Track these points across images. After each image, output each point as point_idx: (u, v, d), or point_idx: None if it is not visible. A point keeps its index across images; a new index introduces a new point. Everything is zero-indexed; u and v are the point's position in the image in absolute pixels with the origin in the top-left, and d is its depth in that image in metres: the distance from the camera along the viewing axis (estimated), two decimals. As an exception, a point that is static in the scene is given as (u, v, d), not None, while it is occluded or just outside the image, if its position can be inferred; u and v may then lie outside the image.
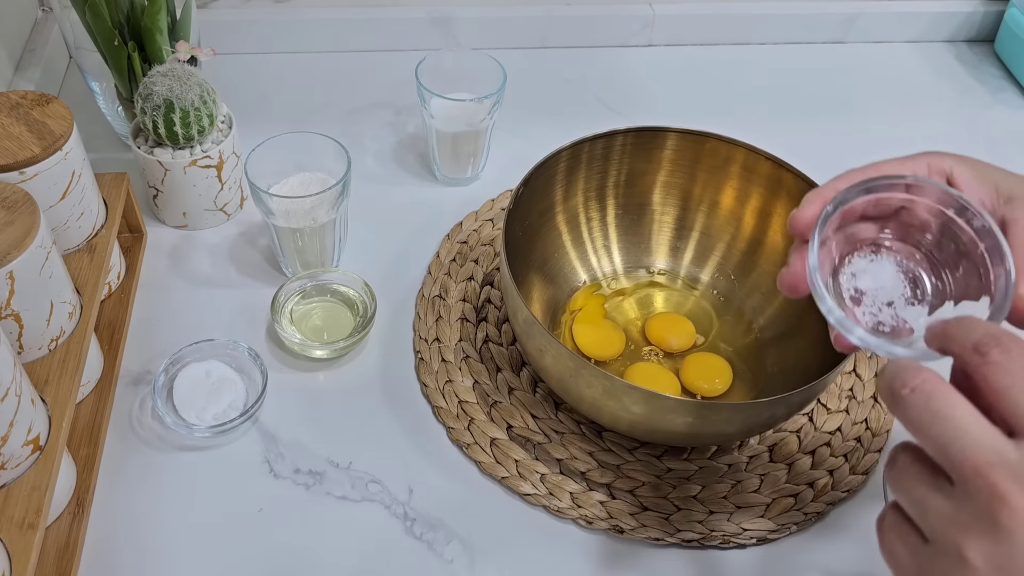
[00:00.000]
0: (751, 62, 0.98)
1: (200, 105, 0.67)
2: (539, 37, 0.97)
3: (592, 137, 0.68)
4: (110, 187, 0.68)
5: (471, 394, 0.65)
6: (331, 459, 0.61)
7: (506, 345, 0.68)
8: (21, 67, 0.82)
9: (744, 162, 0.68)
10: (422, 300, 0.71)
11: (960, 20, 1.02)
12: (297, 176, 0.70)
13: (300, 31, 0.93)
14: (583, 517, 0.59)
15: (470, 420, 0.64)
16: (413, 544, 0.58)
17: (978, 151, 0.93)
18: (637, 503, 0.60)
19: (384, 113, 0.88)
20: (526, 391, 0.66)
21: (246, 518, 0.58)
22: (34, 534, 0.49)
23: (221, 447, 0.61)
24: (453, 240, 0.76)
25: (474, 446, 0.62)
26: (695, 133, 0.68)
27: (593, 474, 0.61)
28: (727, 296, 0.72)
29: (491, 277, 0.73)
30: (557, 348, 0.56)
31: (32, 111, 0.60)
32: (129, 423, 0.62)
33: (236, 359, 0.65)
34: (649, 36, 0.98)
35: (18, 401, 0.49)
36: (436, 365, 0.67)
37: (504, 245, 0.60)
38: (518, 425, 0.64)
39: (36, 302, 0.54)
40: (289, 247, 0.69)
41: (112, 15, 0.68)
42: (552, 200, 0.70)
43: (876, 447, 0.64)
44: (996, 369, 0.34)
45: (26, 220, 0.52)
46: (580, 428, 0.64)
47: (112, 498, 0.58)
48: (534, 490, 0.60)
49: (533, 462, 0.62)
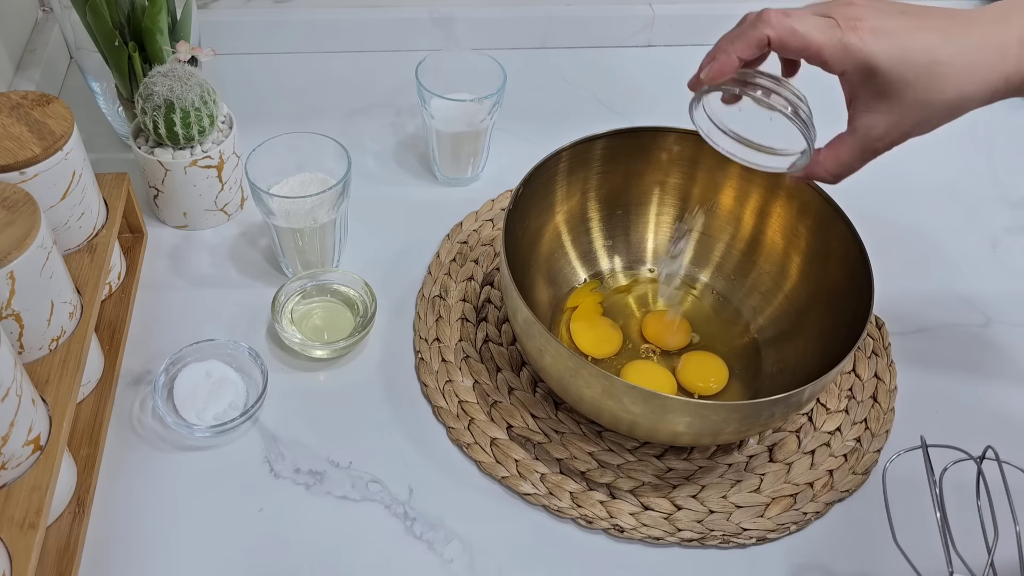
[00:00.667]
0: (751, 62, 0.98)
1: (200, 105, 0.67)
2: (539, 37, 0.97)
3: (592, 137, 0.68)
4: (111, 187, 0.68)
5: (471, 394, 0.65)
6: (331, 459, 0.61)
7: (506, 345, 0.68)
8: (22, 67, 0.82)
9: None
10: (422, 300, 0.71)
11: (960, 20, 1.02)
12: (297, 176, 0.70)
13: (300, 31, 0.93)
14: (583, 517, 0.59)
15: (470, 420, 0.64)
16: (413, 544, 0.58)
17: (978, 151, 0.93)
18: (637, 503, 0.60)
19: (384, 113, 0.88)
20: (526, 391, 0.66)
21: (247, 518, 0.58)
22: (35, 534, 0.49)
23: (221, 447, 0.61)
24: (453, 240, 0.76)
25: (474, 446, 0.62)
26: (695, 133, 0.68)
27: (593, 474, 0.61)
28: (726, 296, 0.72)
29: (491, 277, 0.73)
30: (557, 348, 0.56)
31: (33, 111, 0.60)
32: (129, 423, 0.62)
33: (236, 359, 0.65)
34: (649, 36, 0.99)
35: (19, 401, 0.49)
36: (436, 365, 0.67)
37: (504, 245, 0.60)
38: (518, 425, 0.64)
39: (37, 302, 0.54)
40: (289, 247, 0.69)
41: (113, 15, 0.68)
42: (552, 200, 0.70)
43: (876, 447, 0.64)
44: None
45: (27, 220, 0.52)
46: (580, 428, 0.64)
47: (112, 498, 0.58)
48: (534, 490, 0.60)
49: (533, 462, 0.62)
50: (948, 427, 0.66)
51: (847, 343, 0.57)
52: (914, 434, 0.64)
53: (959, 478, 0.53)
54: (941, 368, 0.70)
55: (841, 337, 0.59)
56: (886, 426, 0.65)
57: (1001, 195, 0.86)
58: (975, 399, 0.69)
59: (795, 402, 0.56)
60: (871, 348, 0.70)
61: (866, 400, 0.67)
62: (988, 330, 0.74)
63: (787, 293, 0.69)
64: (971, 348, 0.72)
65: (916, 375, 0.69)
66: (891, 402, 0.67)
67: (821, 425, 0.65)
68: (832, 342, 0.60)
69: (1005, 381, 0.70)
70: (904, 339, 0.72)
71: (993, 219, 0.83)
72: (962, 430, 0.66)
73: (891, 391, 0.68)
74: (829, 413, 0.66)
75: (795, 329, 0.67)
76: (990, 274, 0.78)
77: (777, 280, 0.70)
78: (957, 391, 0.69)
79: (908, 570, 0.49)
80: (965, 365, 0.71)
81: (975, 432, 0.66)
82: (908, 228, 0.81)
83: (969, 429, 0.66)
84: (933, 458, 0.53)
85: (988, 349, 0.72)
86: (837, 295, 0.63)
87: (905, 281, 0.76)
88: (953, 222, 0.83)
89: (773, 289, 0.70)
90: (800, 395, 0.54)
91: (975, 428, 0.66)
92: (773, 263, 0.70)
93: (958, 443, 0.54)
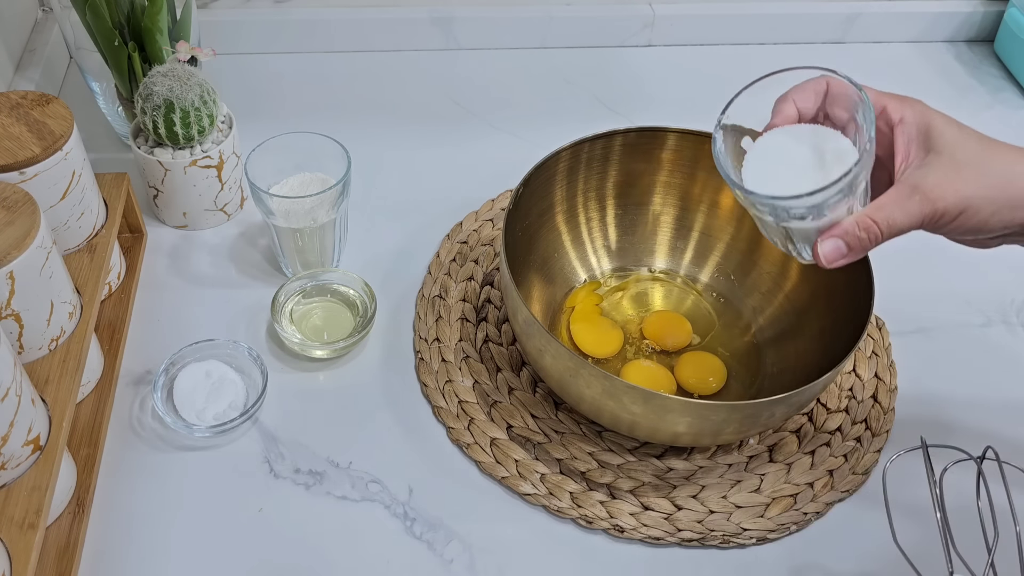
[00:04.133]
0: (751, 62, 0.98)
1: (200, 105, 0.67)
2: (539, 37, 0.97)
3: (592, 137, 0.68)
4: (110, 187, 0.68)
5: (471, 394, 0.65)
6: (331, 459, 0.61)
7: (506, 345, 0.68)
8: (21, 67, 0.82)
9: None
10: (422, 300, 0.71)
11: (960, 20, 1.02)
12: (297, 176, 0.69)
13: (300, 31, 0.93)
14: (583, 517, 0.59)
15: (470, 420, 0.64)
16: (413, 544, 0.58)
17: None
18: (637, 503, 0.60)
19: (384, 112, 0.88)
20: (526, 391, 0.66)
21: (246, 518, 0.58)
22: (34, 534, 0.49)
23: (221, 447, 0.61)
24: (453, 240, 0.76)
25: (474, 446, 0.62)
26: (695, 133, 0.69)
27: (593, 474, 0.61)
28: (726, 296, 0.72)
29: (491, 277, 0.73)
30: (557, 348, 0.56)
31: (32, 111, 0.60)
32: (129, 423, 0.62)
33: (236, 359, 0.65)
34: (649, 36, 0.99)
35: (18, 401, 0.49)
36: (436, 365, 0.67)
37: (504, 246, 0.60)
38: (518, 425, 0.64)
39: (36, 302, 0.54)
40: (289, 247, 0.69)
41: (112, 15, 0.68)
42: (552, 200, 0.70)
43: (876, 447, 0.64)
44: None
45: (26, 220, 0.52)
46: (580, 428, 0.64)
47: (112, 498, 0.58)
48: (534, 490, 0.60)
49: (533, 462, 0.62)
50: (948, 427, 0.66)
51: (847, 343, 0.57)
52: (914, 434, 0.64)
53: (959, 478, 0.53)
54: (941, 368, 0.70)
55: (841, 337, 0.59)
56: (886, 426, 0.65)
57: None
58: (975, 399, 0.68)
59: (796, 402, 0.56)
60: (871, 348, 0.70)
61: (866, 400, 0.67)
62: (988, 330, 0.74)
63: (787, 293, 0.69)
64: (971, 348, 0.72)
65: (916, 375, 0.69)
66: (891, 402, 0.67)
67: (821, 425, 0.65)
68: (832, 342, 0.60)
69: (1005, 381, 0.70)
70: (904, 339, 0.72)
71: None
72: (962, 430, 0.66)
73: (891, 391, 0.68)
74: (829, 413, 0.66)
75: (795, 329, 0.67)
76: (991, 274, 0.78)
77: (777, 280, 0.70)
78: (957, 391, 0.69)
79: (908, 570, 0.49)
80: (965, 365, 0.71)
81: (975, 432, 0.66)
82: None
83: (969, 429, 0.66)
84: (933, 458, 0.53)
85: (988, 349, 0.72)
86: (837, 295, 0.63)
87: (905, 281, 0.76)
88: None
89: (773, 289, 0.70)
90: (801, 395, 0.54)
91: (975, 428, 0.66)
92: (773, 263, 0.70)
93: (958, 443, 0.54)
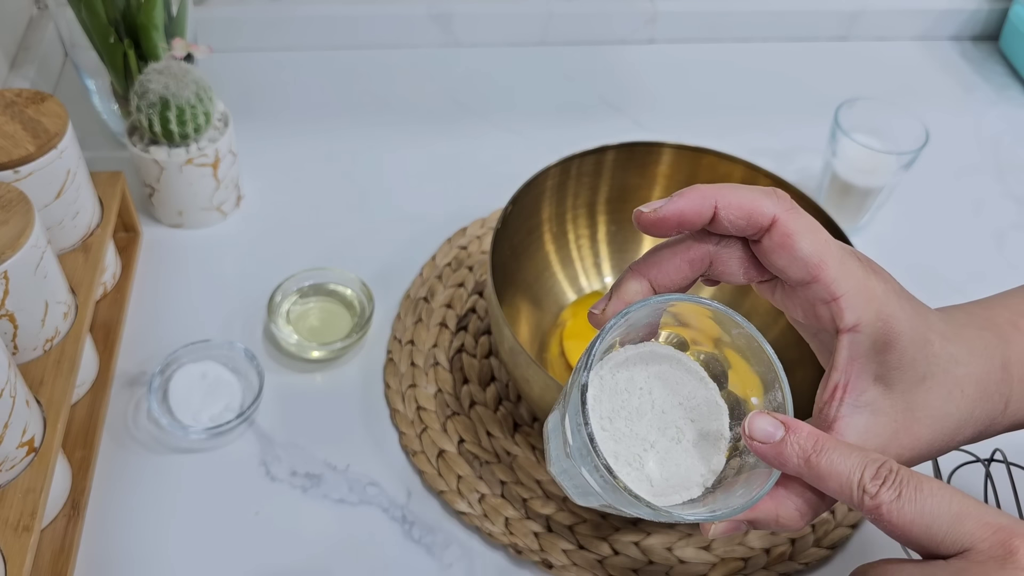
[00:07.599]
0: (753, 59, 0.97)
1: (196, 103, 0.66)
2: (539, 33, 0.96)
3: (582, 153, 0.65)
4: (105, 186, 0.67)
5: (432, 402, 0.63)
6: (328, 461, 0.61)
7: (479, 357, 0.66)
8: (16, 65, 0.82)
9: (743, 180, 0.65)
10: (407, 300, 0.70)
11: (965, 17, 1.01)
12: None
13: (296, 28, 0.93)
14: (513, 545, 0.57)
15: (424, 428, 0.62)
16: (412, 547, 0.57)
17: (982, 149, 0.92)
18: (573, 540, 0.57)
19: (381, 112, 0.88)
20: (488, 407, 0.63)
21: (242, 521, 0.57)
22: (29, 537, 0.48)
23: (217, 449, 0.61)
24: (453, 244, 0.74)
25: (420, 455, 0.60)
26: (691, 148, 0.66)
27: (534, 503, 0.58)
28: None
29: (482, 286, 0.71)
30: (545, 379, 0.53)
31: (27, 109, 0.59)
32: (124, 425, 0.62)
33: (232, 360, 0.64)
34: (651, 33, 0.98)
35: (12, 402, 0.48)
36: (404, 367, 0.65)
37: (491, 267, 0.57)
38: (470, 440, 0.61)
39: (31, 302, 0.54)
40: None
41: (108, 12, 0.67)
42: (540, 218, 0.67)
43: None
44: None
45: (20, 219, 0.52)
46: (534, 454, 0.61)
47: (107, 500, 0.58)
48: (470, 509, 0.58)
49: (476, 480, 0.59)
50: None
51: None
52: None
53: (967, 480, 0.52)
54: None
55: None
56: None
57: (1007, 192, 0.85)
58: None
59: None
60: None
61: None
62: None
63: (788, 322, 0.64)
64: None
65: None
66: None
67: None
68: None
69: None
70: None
71: (999, 217, 0.83)
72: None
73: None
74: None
75: (797, 358, 0.57)
76: (995, 272, 0.77)
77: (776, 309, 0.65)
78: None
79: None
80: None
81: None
82: (910, 227, 0.81)
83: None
84: (940, 460, 0.52)
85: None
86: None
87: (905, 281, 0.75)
88: (958, 220, 0.82)
89: (774, 312, 0.66)
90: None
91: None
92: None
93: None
